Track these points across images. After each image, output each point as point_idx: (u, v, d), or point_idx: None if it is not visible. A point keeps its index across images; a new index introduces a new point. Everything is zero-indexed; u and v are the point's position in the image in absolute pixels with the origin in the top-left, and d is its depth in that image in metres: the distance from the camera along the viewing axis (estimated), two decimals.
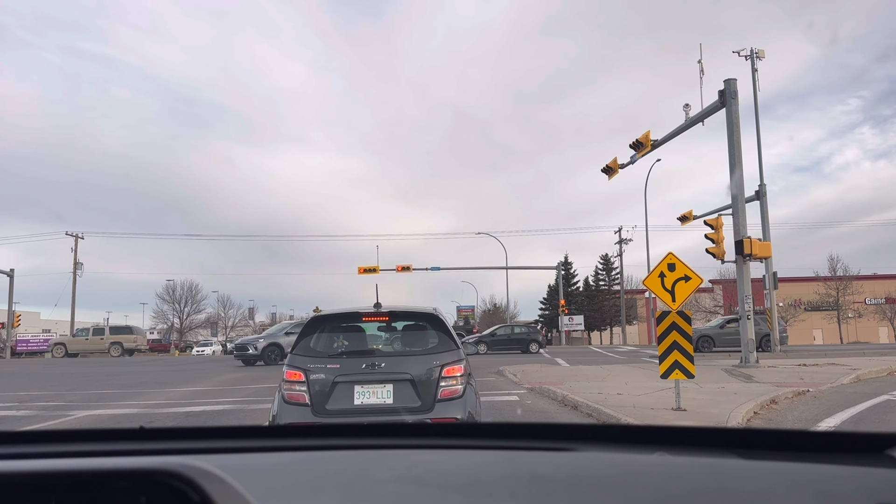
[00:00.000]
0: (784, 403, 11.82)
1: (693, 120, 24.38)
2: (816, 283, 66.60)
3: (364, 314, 6.55)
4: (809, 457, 1.13)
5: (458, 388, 6.05)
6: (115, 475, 0.75)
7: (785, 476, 1.01)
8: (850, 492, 0.96)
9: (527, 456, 1.14)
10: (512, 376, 17.84)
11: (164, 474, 0.70)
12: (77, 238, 62.02)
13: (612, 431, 1.35)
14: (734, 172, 22.58)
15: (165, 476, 0.69)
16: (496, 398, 12.97)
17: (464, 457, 1.14)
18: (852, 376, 16.17)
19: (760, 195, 28.02)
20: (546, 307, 73.93)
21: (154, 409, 12.73)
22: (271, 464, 1.04)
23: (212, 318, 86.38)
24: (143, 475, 0.72)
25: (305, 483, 0.98)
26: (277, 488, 0.93)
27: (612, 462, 1.10)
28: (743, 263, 22.04)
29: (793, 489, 0.95)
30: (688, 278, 10.28)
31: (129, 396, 15.42)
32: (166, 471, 0.70)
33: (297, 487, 0.96)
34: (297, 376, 6.05)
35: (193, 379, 20.42)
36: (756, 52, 28.63)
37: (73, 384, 19.72)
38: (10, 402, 14.82)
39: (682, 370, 9.83)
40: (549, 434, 1.31)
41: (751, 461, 1.11)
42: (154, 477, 0.71)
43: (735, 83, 22.71)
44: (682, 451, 1.20)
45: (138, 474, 0.73)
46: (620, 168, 29.07)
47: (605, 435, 1.31)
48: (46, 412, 12.60)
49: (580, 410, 10.98)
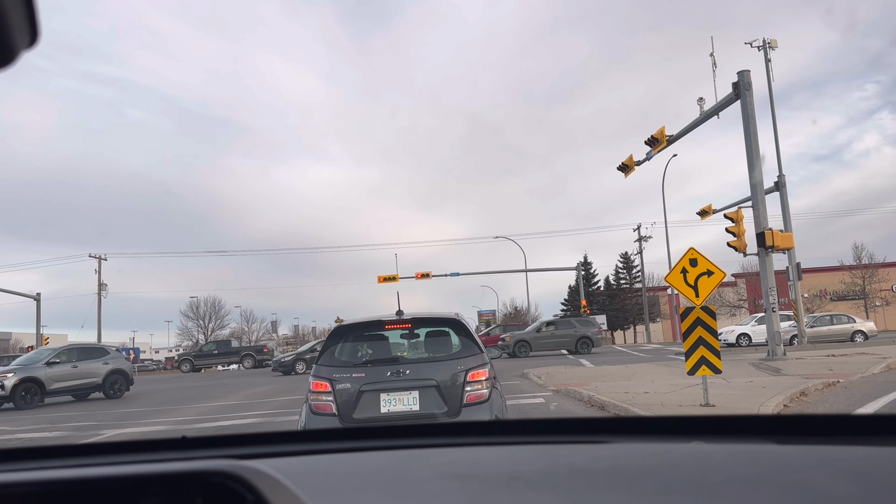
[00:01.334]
0: (814, 395, 11.67)
1: (708, 113, 24.20)
2: (842, 273, 65.59)
3: (387, 322, 6.57)
4: (847, 440, 1.13)
5: (483, 393, 6.05)
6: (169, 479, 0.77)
7: (824, 459, 1.01)
8: (892, 472, 0.95)
9: (564, 449, 1.15)
10: (536, 379, 17.78)
11: (220, 475, 0.72)
12: (100, 260, 62.78)
13: (646, 423, 1.36)
14: (752, 164, 22.38)
15: (221, 477, 0.71)
16: (522, 401, 12.93)
17: (501, 452, 1.16)
18: (883, 365, 15.92)
19: (780, 186, 27.72)
20: (567, 308, 73.57)
21: (184, 426, 12.85)
22: (315, 466, 1.06)
23: (236, 333, 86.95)
24: (197, 477, 0.75)
25: (351, 482, 1.00)
26: (325, 488, 0.95)
27: (648, 452, 1.11)
28: (765, 256, 21.80)
29: (833, 472, 0.95)
30: (710, 273, 10.20)
31: (157, 414, 15.58)
32: (222, 472, 0.72)
33: (343, 487, 0.98)
34: (323, 387, 6.09)
35: (221, 394, 20.58)
36: (769, 43, 28.35)
37: (103, 404, 19.96)
38: (42, 423, 15.03)
39: (709, 366, 9.74)
40: (583, 428, 1.32)
41: (788, 446, 1.11)
42: (210, 478, 0.73)
43: (749, 74, 22.52)
44: (717, 439, 1.20)
45: (192, 477, 0.75)
46: (636, 165, 28.89)
47: (639, 427, 1.32)
48: (79, 432, 12.77)
49: (607, 410, 10.91)
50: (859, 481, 0.93)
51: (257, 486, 0.70)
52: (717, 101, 23.67)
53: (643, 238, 58.35)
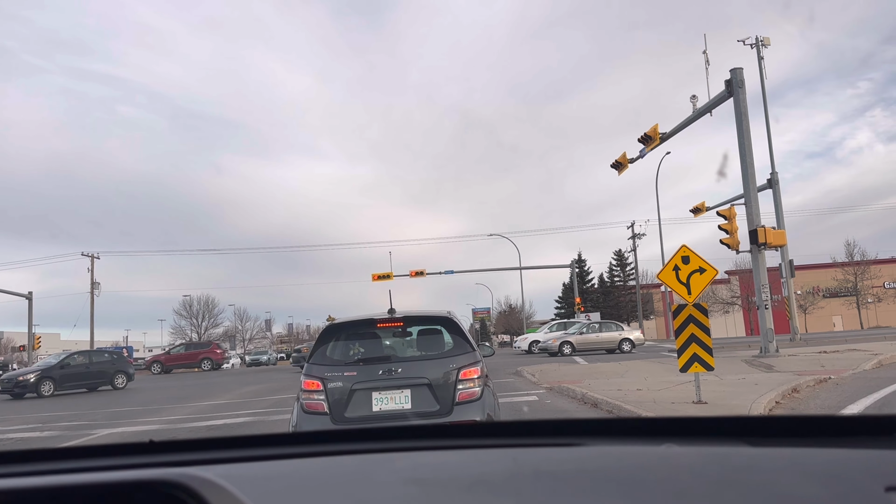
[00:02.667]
0: (806, 392, 11.71)
1: (701, 111, 24.24)
2: (834, 270, 65.88)
3: (378, 320, 6.55)
4: (818, 441, 1.12)
5: (475, 391, 6.04)
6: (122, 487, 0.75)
7: (793, 462, 1.00)
8: (860, 475, 0.94)
9: (531, 453, 1.13)
10: (530, 376, 17.79)
11: (167, 485, 0.71)
12: (93, 258, 62.54)
13: (620, 425, 1.35)
14: (745, 161, 22.43)
15: (169, 487, 0.70)
16: (515, 399, 12.94)
17: (468, 456, 1.14)
18: (874, 361, 16.00)
19: (773, 183, 27.80)
20: (562, 305, 73.73)
21: (176, 425, 12.81)
22: (277, 471, 1.05)
23: (229, 332, 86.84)
24: (148, 486, 0.73)
25: (310, 488, 0.98)
26: (281, 495, 0.94)
27: (618, 455, 1.10)
28: (758, 253, 21.86)
29: (801, 474, 0.94)
30: (703, 270, 10.21)
31: (150, 413, 15.53)
32: (169, 481, 0.71)
33: (301, 493, 0.96)
34: (314, 385, 6.07)
35: (214, 393, 20.53)
36: (761, 41, 28.41)
37: (96, 403, 19.90)
38: (34, 423, 14.97)
39: (702, 363, 9.76)
40: (555, 430, 1.30)
41: (759, 448, 1.10)
42: (159, 488, 0.72)
43: (741, 72, 22.56)
44: (691, 441, 1.19)
45: (144, 486, 0.74)
46: (630, 163, 28.91)
47: (612, 429, 1.31)
48: (70, 432, 12.71)
49: (600, 408, 10.93)
50: (827, 483, 0.92)
51: (203, 494, 0.69)
52: (710, 98, 23.71)
53: (637, 235, 58.44)
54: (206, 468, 0.90)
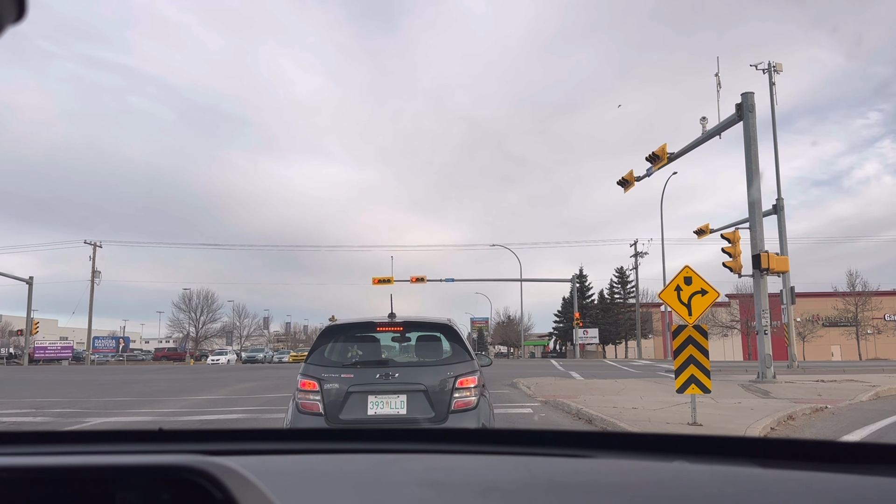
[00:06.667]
0: (801, 420, 11.66)
1: (710, 133, 24.27)
2: (835, 299, 65.74)
3: (378, 324, 6.54)
4: (831, 467, 1.12)
5: (471, 400, 6.03)
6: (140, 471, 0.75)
7: (806, 486, 1.00)
8: (874, 502, 0.94)
9: (544, 462, 1.13)
10: (526, 389, 17.74)
11: (188, 471, 0.70)
12: (95, 246, 62.64)
13: (630, 439, 1.34)
14: (751, 186, 22.43)
15: (190, 473, 0.70)
16: (510, 410, 12.91)
17: (480, 462, 1.14)
18: (871, 393, 15.93)
19: (778, 209, 27.76)
20: (560, 320, 73.57)
21: (169, 417, 12.79)
22: (289, 466, 1.05)
23: (227, 328, 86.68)
24: (167, 472, 0.73)
25: (324, 485, 0.98)
26: (296, 489, 0.94)
27: (630, 469, 1.09)
28: (760, 278, 21.83)
29: (815, 498, 0.94)
30: (704, 292, 10.20)
31: (144, 404, 15.50)
32: (191, 468, 0.70)
33: (315, 489, 0.96)
34: (311, 385, 6.06)
35: (209, 387, 20.50)
36: (774, 66, 28.45)
37: (90, 391, 19.87)
38: (27, 408, 14.95)
39: (699, 385, 9.74)
40: (566, 441, 1.30)
41: (771, 470, 1.10)
42: (179, 474, 0.71)
43: (752, 97, 22.59)
44: (701, 459, 1.19)
45: (162, 471, 0.73)
46: (636, 181, 28.93)
47: (623, 443, 1.30)
48: (62, 419, 12.69)
49: (594, 424, 10.89)
50: None
51: (226, 483, 0.69)
52: (720, 121, 23.74)
53: (639, 254, 58.45)
54: (221, 458, 0.89)
